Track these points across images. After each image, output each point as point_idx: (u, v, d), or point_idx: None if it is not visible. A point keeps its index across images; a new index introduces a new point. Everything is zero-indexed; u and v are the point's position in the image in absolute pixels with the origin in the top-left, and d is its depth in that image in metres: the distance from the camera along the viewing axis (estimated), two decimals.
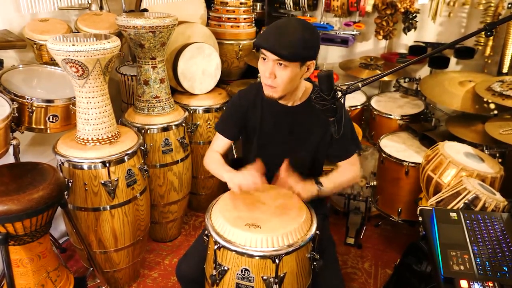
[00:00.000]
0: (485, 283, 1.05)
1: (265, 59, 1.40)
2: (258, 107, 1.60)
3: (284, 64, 1.36)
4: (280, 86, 1.42)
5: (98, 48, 1.62)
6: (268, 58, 1.38)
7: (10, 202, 1.37)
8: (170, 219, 2.45)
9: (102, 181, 1.81)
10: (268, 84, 1.43)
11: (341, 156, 1.60)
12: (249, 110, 1.61)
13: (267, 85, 1.44)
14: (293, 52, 1.34)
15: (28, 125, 1.86)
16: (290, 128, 1.58)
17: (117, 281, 2.09)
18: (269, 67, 1.39)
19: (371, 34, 2.99)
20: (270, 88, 1.44)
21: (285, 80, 1.40)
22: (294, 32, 1.35)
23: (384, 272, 2.30)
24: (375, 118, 2.69)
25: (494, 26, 1.35)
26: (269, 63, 1.39)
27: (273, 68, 1.39)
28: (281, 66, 1.37)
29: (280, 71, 1.39)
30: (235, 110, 1.65)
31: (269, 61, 1.39)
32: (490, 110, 2.06)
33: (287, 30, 1.36)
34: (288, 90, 1.46)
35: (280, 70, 1.38)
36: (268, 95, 1.46)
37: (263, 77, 1.44)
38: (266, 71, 1.40)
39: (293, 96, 1.53)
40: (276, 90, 1.43)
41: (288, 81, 1.40)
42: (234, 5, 2.76)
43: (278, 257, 1.24)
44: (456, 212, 1.37)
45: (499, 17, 2.48)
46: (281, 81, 1.40)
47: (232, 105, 1.68)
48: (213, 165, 1.62)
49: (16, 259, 1.51)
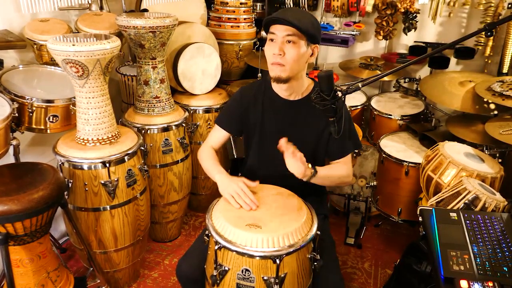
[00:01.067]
0: (485, 283, 1.05)
1: (272, 40, 1.44)
2: (259, 104, 1.61)
3: (293, 40, 1.41)
4: (289, 63, 1.44)
5: (98, 48, 1.62)
6: (277, 36, 1.42)
7: (10, 202, 1.36)
8: (170, 219, 2.45)
9: (102, 181, 1.81)
10: (277, 62, 1.44)
11: (336, 155, 1.62)
12: (250, 106, 1.62)
13: (276, 63, 1.45)
14: (304, 24, 1.39)
15: (28, 125, 1.86)
16: (291, 122, 1.59)
17: (117, 281, 2.09)
18: (278, 45, 1.42)
19: (371, 34, 2.99)
20: (278, 66, 1.45)
21: (293, 57, 1.43)
22: (303, 12, 1.47)
23: (384, 272, 2.30)
24: (375, 118, 2.69)
25: (494, 26, 1.35)
26: (277, 42, 1.43)
27: (282, 45, 1.42)
28: (289, 43, 1.42)
29: (289, 49, 1.42)
30: (236, 105, 1.66)
31: (277, 41, 1.42)
32: (490, 110, 2.06)
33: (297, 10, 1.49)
34: (295, 71, 1.48)
35: (289, 47, 1.42)
36: (276, 75, 1.47)
37: (270, 57, 1.46)
38: (275, 48, 1.43)
39: (296, 87, 1.55)
40: (285, 68, 1.45)
41: (296, 58, 1.43)
42: (234, 5, 2.76)
43: (278, 257, 1.24)
44: (456, 212, 1.37)
45: (499, 17, 2.48)
46: (290, 57, 1.43)
47: (233, 101, 1.69)
48: (207, 161, 1.63)
49: (16, 259, 1.51)
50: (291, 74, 1.47)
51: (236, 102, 1.66)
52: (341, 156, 1.61)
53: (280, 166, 1.49)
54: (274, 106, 1.59)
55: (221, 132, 1.69)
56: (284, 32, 1.40)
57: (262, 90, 1.60)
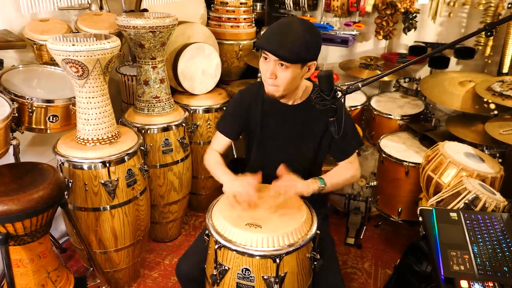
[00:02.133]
0: (485, 283, 1.05)
1: (266, 58, 1.41)
2: (259, 106, 1.60)
3: (285, 65, 1.37)
4: (282, 85, 1.43)
5: (98, 48, 1.62)
6: (269, 58, 1.39)
7: (10, 202, 1.36)
8: (170, 219, 2.45)
9: (102, 181, 1.81)
10: (270, 83, 1.44)
11: (340, 156, 1.62)
12: (250, 109, 1.62)
13: (269, 84, 1.45)
14: (295, 54, 1.34)
15: (28, 125, 1.86)
16: (291, 126, 1.58)
17: (117, 281, 2.09)
18: (270, 67, 1.40)
19: (371, 34, 2.99)
20: (273, 86, 1.44)
21: (286, 81, 1.41)
22: (296, 33, 1.35)
23: (384, 272, 2.30)
24: (375, 118, 2.69)
25: (494, 26, 1.35)
26: (270, 63, 1.40)
27: (274, 68, 1.39)
28: (282, 66, 1.38)
29: (281, 72, 1.40)
30: (236, 109, 1.65)
31: (270, 61, 1.39)
32: (490, 110, 2.06)
33: (289, 31, 1.36)
34: (289, 89, 1.47)
35: (281, 70, 1.39)
36: (270, 93, 1.47)
37: (264, 76, 1.45)
38: (268, 71, 1.41)
39: (294, 95, 1.54)
40: (278, 89, 1.44)
41: (289, 81, 1.41)
42: (234, 5, 2.76)
43: (278, 256, 1.24)
44: (456, 212, 1.37)
45: (499, 17, 2.48)
46: (282, 81, 1.41)
47: (233, 104, 1.69)
48: (213, 165, 1.63)
49: (16, 259, 1.51)
50: (285, 92, 1.46)
51: (237, 105, 1.65)
52: (346, 157, 1.61)
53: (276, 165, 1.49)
54: (274, 109, 1.58)
55: (224, 139, 1.68)
56: (275, 57, 1.37)
57: (261, 92, 1.59)
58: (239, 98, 1.66)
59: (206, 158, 1.68)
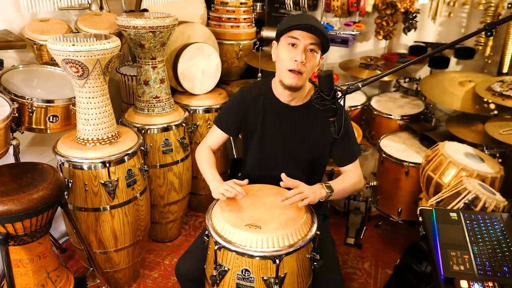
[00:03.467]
0: (485, 283, 1.05)
1: (294, 45, 1.39)
2: (260, 105, 1.60)
3: (314, 49, 1.39)
4: (307, 72, 1.43)
5: (98, 48, 1.62)
6: (300, 41, 1.38)
7: (10, 202, 1.36)
8: (170, 219, 2.45)
9: (102, 181, 1.81)
10: (298, 70, 1.41)
11: (347, 159, 1.60)
12: (250, 107, 1.61)
13: (296, 71, 1.41)
14: (326, 37, 1.39)
15: (28, 125, 1.86)
16: (291, 127, 1.58)
17: (117, 281, 2.09)
18: (300, 52, 1.38)
19: (371, 34, 2.99)
20: (297, 75, 1.42)
21: (313, 66, 1.42)
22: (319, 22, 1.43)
23: (384, 272, 2.30)
24: (375, 118, 2.69)
25: (494, 26, 1.35)
26: (299, 48, 1.39)
27: (305, 53, 1.39)
28: (311, 52, 1.40)
29: (310, 57, 1.41)
30: (236, 106, 1.64)
31: (298, 47, 1.39)
32: (490, 110, 2.06)
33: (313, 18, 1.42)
34: (307, 79, 1.48)
35: (310, 56, 1.40)
36: (292, 83, 1.44)
37: (290, 64, 1.41)
38: (298, 55, 1.38)
39: (300, 93, 1.54)
40: (302, 77, 1.43)
41: (313, 67, 1.43)
42: (234, 5, 2.76)
43: (278, 257, 1.24)
44: (456, 212, 1.37)
45: (499, 17, 2.48)
46: (310, 66, 1.42)
47: (233, 101, 1.68)
48: (203, 163, 1.61)
49: (16, 259, 1.51)
50: (304, 82, 1.47)
51: (236, 102, 1.65)
52: (352, 160, 1.59)
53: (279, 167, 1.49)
54: (276, 109, 1.57)
55: (220, 132, 1.68)
56: (309, 40, 1.37)
57: (263, 91, 1.59)
58: (240, 96, 1.65)
59: (198, 153, 1.66)
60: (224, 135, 1.68)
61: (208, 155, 1.65)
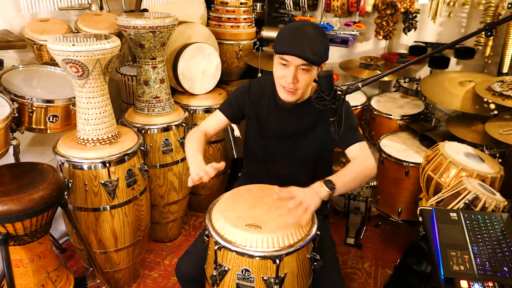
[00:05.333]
0: (485, 283, 1.05)
1: (285, 64, 1.40)
2: (265, 100, 1.60)
3: (307, 68, 1.38)
4: (301, 89, 1.43)
5: (98, 48, 1.62)
6: (290, 63, 1.38)
7: (10, 202, 1.36)
8: (170, 219, 2.45)
9: (102, 181, 1.81)
10: (290, 89, 1.43)
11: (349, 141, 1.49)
12: (255, 100, 1.61)
13: (288, 89, 1.43)
14: (319, 56, 1.37)
15: (28, 125, 1.86)
16: (294, 124, 1.58)
17: (117, 281, 2.09)
18: (291, 72, 1.39)
19: (371, 34, 2.98)
20: (290, 93, 1.44)
21: (306, 83, 1.42)
22: (314, 36, 1.38)
23: (384, 272, 2.30)
24: (375, 118, 2.69)
25: (494, 26, 1.35)
26: (290, 68, 1.39)
27: (296, 73, 1.39)
28: (303, 70, 1.39)
29: (302, 75, 1.40)
30: (241, 95, 1.63)
31: (290, 67, 1.39)
32: (490, 110, 2.06)
33: (306, 35, 1.37)
34: (305, 91, 1.48)
35: (303, 74, 1.40)
36: (287, 99, 1.46)
37: (283, 82, 1.43)
38: (289, 76, 1.40)
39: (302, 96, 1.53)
40: (296, 93, 1.44)
41: (308, 83, 1.43)
42: (234, 5, 2.76)
43: (278, 257, 1.24)
44: (456, 212, 1.37)
45: (499, 17, 2.48)
46: (303, 84, 1.42)
47: (240, 89, 1.66)
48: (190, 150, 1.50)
49: (16, 259, 1.51)
50: (301, 95, 1.47)
51: (243, 92, 1.63)
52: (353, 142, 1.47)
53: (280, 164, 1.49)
54: (279, 105, 1.57)
55: (220, 116, 1.64)
56: (300, 61, 1.36)
57: (269, 87, 1.59)
58: (247, 87, 1.64)
59: (190, 137, 1.57)
60: (224, 120, 1.64)
61: (197, 138, 1.55)
